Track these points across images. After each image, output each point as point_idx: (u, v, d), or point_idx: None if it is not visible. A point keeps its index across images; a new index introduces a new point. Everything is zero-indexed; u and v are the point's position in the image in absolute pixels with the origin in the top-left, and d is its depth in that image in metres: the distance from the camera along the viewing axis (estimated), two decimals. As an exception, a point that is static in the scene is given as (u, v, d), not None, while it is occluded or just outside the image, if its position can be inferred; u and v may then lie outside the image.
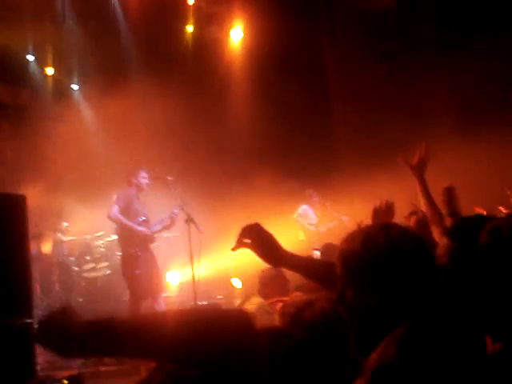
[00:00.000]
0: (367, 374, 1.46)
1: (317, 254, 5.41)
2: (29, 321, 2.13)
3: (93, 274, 9.95)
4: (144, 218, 7.87)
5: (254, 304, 5.19)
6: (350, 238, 1.73)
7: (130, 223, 7.71)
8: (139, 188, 7.95)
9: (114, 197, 7.85)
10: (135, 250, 7.71)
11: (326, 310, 2.07)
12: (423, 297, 1.61)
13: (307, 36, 11.77)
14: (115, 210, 7.67)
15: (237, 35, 12.10)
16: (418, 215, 3.79)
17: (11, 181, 10.65)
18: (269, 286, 5.25)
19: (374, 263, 1.62)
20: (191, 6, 11.52)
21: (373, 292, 1.63)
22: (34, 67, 11.81)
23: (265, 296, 5.26)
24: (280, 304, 4.57)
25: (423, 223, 3.74)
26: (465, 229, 2.03)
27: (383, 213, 3.58)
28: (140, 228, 7.75)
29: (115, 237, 9.87)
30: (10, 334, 1.93)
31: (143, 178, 7.93)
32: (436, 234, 3.48)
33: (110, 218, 7.78)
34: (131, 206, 7.80)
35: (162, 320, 1.51)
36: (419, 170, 3.83)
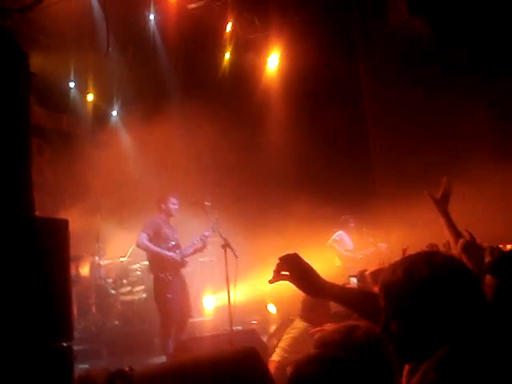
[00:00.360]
0: None
1: (353, 281, 5.33)
2: (69, 344, 2.15)
3: (129, 298, 10.00)
4: (174, 243, 7.97)
5: (297, 328, 5.17)
6: (392, 269, 1.71)
7: (158, 249, 7.80)
8: (169, 213, 8.07)
9: (143, 224, 7.99)
10: (166, 275, 7.78)
11: (370, 334, 2.06)
12: (465, 323, 1.59)
13: (344, 62, 11.78)
14: (143, 237, 7.83)
15: (274, 61, 12.19)
16: (464, 239, 3.72)
17: (51, 204, 10.85)
18: (312, 310, 5.21)
19: (417, 292, 1.61)
20: (229, 33, 11.67)
21: (417, 321, 1.61)
22: (74, 93, 12.08)
23: (308, 320, 5.22)
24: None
25: (470, 247, 3.68)
26: (506, 265, 2.03)
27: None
28: (169, 253, 7.84)
29: (150, 261, 9.99)
30: (51, 357, 1.94)
31: (173, 203, 8.06)
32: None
33: (138, 245, 7.98)
34: (161, 231, 7.93)
35: None
36: (443, 205, 3.77)
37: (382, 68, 11.89)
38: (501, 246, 5.19)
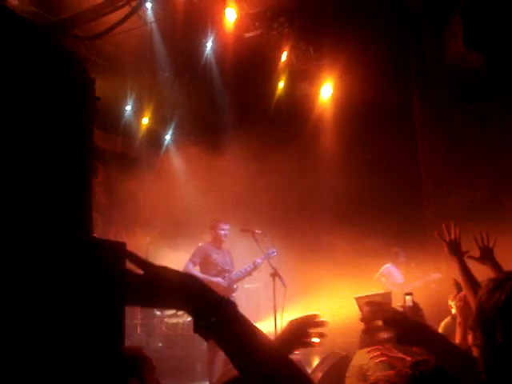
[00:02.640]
0: None
1: (408, 299, 5.22)
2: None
3: (174, 320, 10.06)
4: (222, 267, 8.03)
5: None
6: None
7: (203, 275, 7.86)
8: (219, 239, 8.16)
9: (191, 253, 8.12)
10: None
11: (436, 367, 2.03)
12: None
13: (397, 94, 11.75)
14: (188, 265, 7.95)
15: (327, 91, 12.23)
16: None
17: (102, 224, 11.06)
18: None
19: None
20: (284, 62, 11.78)
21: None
22: (130, 116, 12.35)
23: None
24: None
25: None
26: None
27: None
28: (214, 278, 7.89)
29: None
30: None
31: (222, 229, 8.15)
32: None
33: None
34: (209, 258, 8.01)
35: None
36: (488, 258, 3.69)
37: (436, 101, 11.80)
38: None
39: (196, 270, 7.93)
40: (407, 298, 5.21)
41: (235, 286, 8.19)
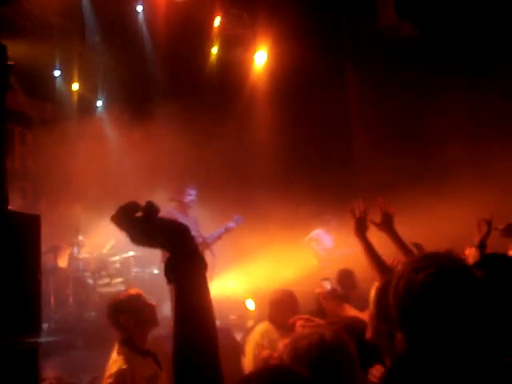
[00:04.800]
0: None
1: (326, 284, 5.31)
2: (36, 340, 2.14)
3: (107, 289, 9.95)
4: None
5: (258, 332, 5.14)
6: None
7: None
8: (185, 205, 8.10)
9: None
10: None
11: (322, 342, 2.07)
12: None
13: (331, 60, 11.81)
14: None
15: (261, 57, 12.16)
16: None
17: (32, 192, 10.78)
18: (279, 309, 5.19)
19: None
20: (217, 27, 11.64)
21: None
22: (59, 82, 11.98)
23: (275, 319, 5.19)
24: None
25: None
26: (494, 264, 2.11)
27: None
28: None
29: (131, 253, 9.96)
30: (18, 354, 1.91)
31: (189, 195, 8.10)
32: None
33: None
34: None
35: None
36: (387, 225, 3.72)
37: (368, 68, 11.92)
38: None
39: None
40: (324, 283, 5.33)
41: (206, 251, 8.13)
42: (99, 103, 12.62)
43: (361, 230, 3.64)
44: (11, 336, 1.86)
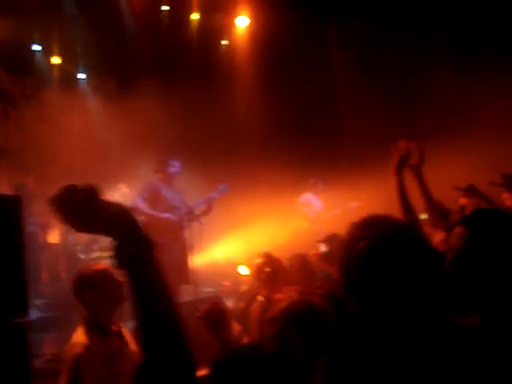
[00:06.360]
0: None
1: (321, 246, 5.36)
2: (24, 320, 2.16)
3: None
4: (173, 205, 7.98)
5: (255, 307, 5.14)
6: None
7: (151, 212, 7.78)
8: (170, 177, 8.09)
9: (139, 188, 8.02)
10: (163, 238, 7.76)
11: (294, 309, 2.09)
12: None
13: (313, 23, 11.69)
14: (136, 200, 7.81)
15: (242, 22, 12.01)
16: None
17: (18, 169, 10.71)
18: (271, 285, 5.15)
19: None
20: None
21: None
22: (40, 57, 11.81)
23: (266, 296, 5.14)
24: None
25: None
26: (481, 219, 2.14)
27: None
28: (164, 214, 7.83)
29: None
30: (6, 334, 1.93)
31: (173, 167, 8.07)
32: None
33: (131, 210, 7.85)
34: (159, 194, 7.91)
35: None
36: (400, 170, 3.68)
37: (351, 28, 11.79)
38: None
39: (145, 206, 7.81)
40: (320, 245, 5.35)
41: (185, 223, 8.16)
42: (81, 76, 12.47)
43: (400, 169, 3.64)
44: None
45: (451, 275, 2.07)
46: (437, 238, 3.40)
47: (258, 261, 5.08)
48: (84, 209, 1.48)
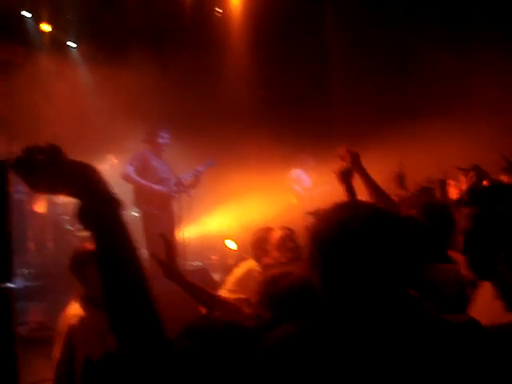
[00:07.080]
0: None
1: (310, 218, 5.30)
2: (8, 286, 2.12)
3: (86, 233, 9.92)
4: (162, 176, 7.94)
5: (242, 268, 5.09)
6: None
7: (144, 182, 7.74)
8: (159, 148, 8.01)
9: (129, 157, 7.97)
10: (151, 209, 7.74)
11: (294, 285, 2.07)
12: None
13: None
14: (128, 169, 7.76)
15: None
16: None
17: (6, 137, 10.61)
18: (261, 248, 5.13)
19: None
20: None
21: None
22: (30, 24, 11.63)
23: (258, 258, 5.14)
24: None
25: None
26: (485, 196, 2.17)
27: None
28: (155, 186, 7.79)
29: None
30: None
31: (162, 138, 8.02)
32: None
33: (122, 177, 7.80)
34: (149, 165, 7.86)
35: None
36: (358, 166, 3.67)
37: (346, 6, 11.68)
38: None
39: (136, 175, 7.78)
40: (309, 216, 5.30)
41: (175, 194, 8.10)
42: (72, 44, 12.30)
43: (346, 180, 3.56)
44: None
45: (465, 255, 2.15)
46: None
47: (280, 234, 4.72)
48: (47, 169, 1.42)
